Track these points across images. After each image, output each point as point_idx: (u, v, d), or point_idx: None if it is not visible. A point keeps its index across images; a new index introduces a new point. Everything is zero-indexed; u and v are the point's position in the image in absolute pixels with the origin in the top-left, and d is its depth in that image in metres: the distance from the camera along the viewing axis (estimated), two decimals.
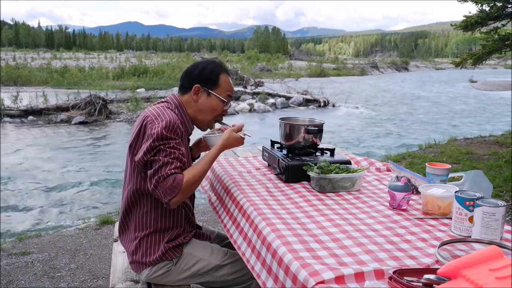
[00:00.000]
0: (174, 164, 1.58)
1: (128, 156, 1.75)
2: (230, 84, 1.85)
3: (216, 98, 1.80)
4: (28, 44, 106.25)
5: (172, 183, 1.56)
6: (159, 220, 1.72)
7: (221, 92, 1.81)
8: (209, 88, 1.79)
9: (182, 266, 1.75)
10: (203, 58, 1.99)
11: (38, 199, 5.76)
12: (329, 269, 1.07)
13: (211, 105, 1.80)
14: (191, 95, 1.79)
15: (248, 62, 43.32)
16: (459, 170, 5.10)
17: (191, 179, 1.61)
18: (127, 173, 1.77)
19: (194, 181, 1.64)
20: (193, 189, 1.68)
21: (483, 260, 0.80)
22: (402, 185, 1.59)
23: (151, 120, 1.65)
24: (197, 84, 1.78)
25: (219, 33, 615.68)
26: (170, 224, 1.74)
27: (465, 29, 6.98)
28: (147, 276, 1.74)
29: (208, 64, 1.83)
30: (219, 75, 1.81)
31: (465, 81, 32.79)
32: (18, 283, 2.97)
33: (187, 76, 1.82)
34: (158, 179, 1.57)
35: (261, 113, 14.71)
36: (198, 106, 1.80)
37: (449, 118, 14.17)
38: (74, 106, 12.63)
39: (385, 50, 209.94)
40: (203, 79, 1.79)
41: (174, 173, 1.57)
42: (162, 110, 1.69)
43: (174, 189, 1.56)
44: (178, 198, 1.59)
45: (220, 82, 1.81)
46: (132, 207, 1.74)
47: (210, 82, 1.79)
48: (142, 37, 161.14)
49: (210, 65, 1.83)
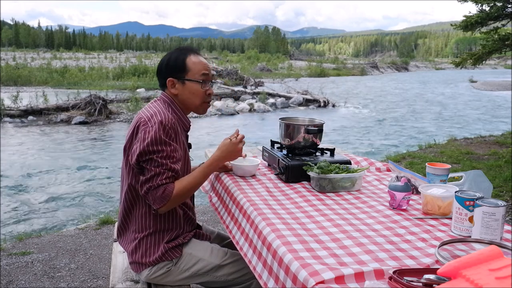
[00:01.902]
0: (165, 174, 1.59)
1: (123, 158, 1.75)
2: (201, 63, 1.78)
3: (191, 82, 1.77)
4: (28, 44, 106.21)
5: (162, 193, 1.59)
6: (158, 221, 1.72)
7: (193, 74, 1.76)
8: (181, 76, 1.76)
9: (182, 266, 1.75)
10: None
11: (38, 199, 5.76)
12: (329, 269, 1.07)
13: (191, 91, 1.77)
14: (170, 90, 1.78)
15: (248, 62, 43.33)
16: (459, 170, 5.10)
17: (181, 190, 1.63)
18: (123, 175, 1.77)
19: (185, 192, 1.66)
20: (183, 199, 1.70)
21: (483, 260, 0.80)
22: (402, 185, 1.59)
23: (145, 122, 1.64)
24: (169, 78, 1.77)
25: (219, 33, 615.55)
26: (169, 225, 1.74)
27: (465, 29, 6.98)
28: (147, 276, 1.74)
29: (172, 54, 1.81)
30: (184, 60, 1.76)
31: (465, 81, 32.76)
32: (18, 283, 2.97)
33: (159, 73, 1.81)
34: (149, 188, 1.60)
35: (261, 113, 14.71)
36: (181, 97, 1.78)
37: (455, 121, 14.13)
38: (74, 106, 12.63)
39: (385, 50, 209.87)
40: (172, 70, 1.77)
41: (165, 183, 1.59)
42: (155, 110, 1.68)
43: (164, 199, 1.60)
44: (167, 207, 1.63)
45: (189, 65, 1.76)
46: (131, 208, 1.75)
47: (179, 70, 1.76)
48: (142, 37, 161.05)
49: (173, 54, 1.80)
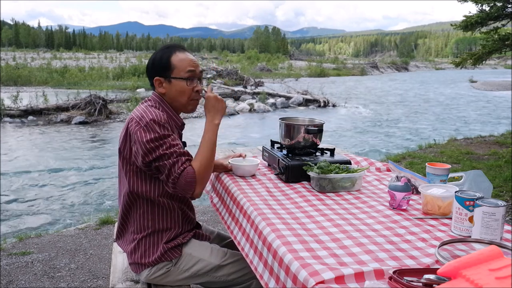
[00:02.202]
0: (180, 162, 1.59)
1: (119, 159, 1.74)
2: (186, 59, 1.76)
3: (177, 80, 1.75)
4: (28, 44, 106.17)
5: (185, 179, 1.58)
6: (157, 221, 1.72)
7: (179, 72, 1.74)
8: (167, 75, 1.75)
9: (181, 267, 1.74)
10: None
11: (37, 199, 5.76)
12: (329, 269, 1.07)
13: (177, 89, 1.75)
14: (157, 89, 1.77)
15: (248, 62, 43.30)
16: (459, 170, 5.10)
17: (200, 166, 1.63)
18: (120, 176, 1.76)
19: (206, 166, 1.65)
20: (208, 175, 1.70)
21: (483, 260, 0.80)
22: (402, 185, 1.59)
23: (136, 122, 1.64)
24: (156, 77, 1.76)
25: (219, 33, 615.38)
26: (168, 224, 1.74)
27: (465, 29, 6.98)
28: (146, 277, 1.73)
29: (157, 52, 1.79)
30: (169, 58, 1.75)
31: (465, 81, 32.75)
32: (18, 283, 2.97)
33: (147, 73, 1.81)
34: (173, 182, 1.59)
35: (261, 113, 14.70)
36: (168, 96, 1.77)
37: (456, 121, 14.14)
38: (74, 106, 12.63)
39: (385, 50, 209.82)
40: (158, 69, 1.76)
41: (184, 169, 1.59)
42: (145, 110, 1.68)
43: (191, 184, 1.59)
44: (199, 189, 1.63)
45: (174, 63, 1.74)
46: (130, 209, 1.74)
47: (164, 69, 1.74)
48: (142, 37, 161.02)
49: (158, 53, 1.79)
